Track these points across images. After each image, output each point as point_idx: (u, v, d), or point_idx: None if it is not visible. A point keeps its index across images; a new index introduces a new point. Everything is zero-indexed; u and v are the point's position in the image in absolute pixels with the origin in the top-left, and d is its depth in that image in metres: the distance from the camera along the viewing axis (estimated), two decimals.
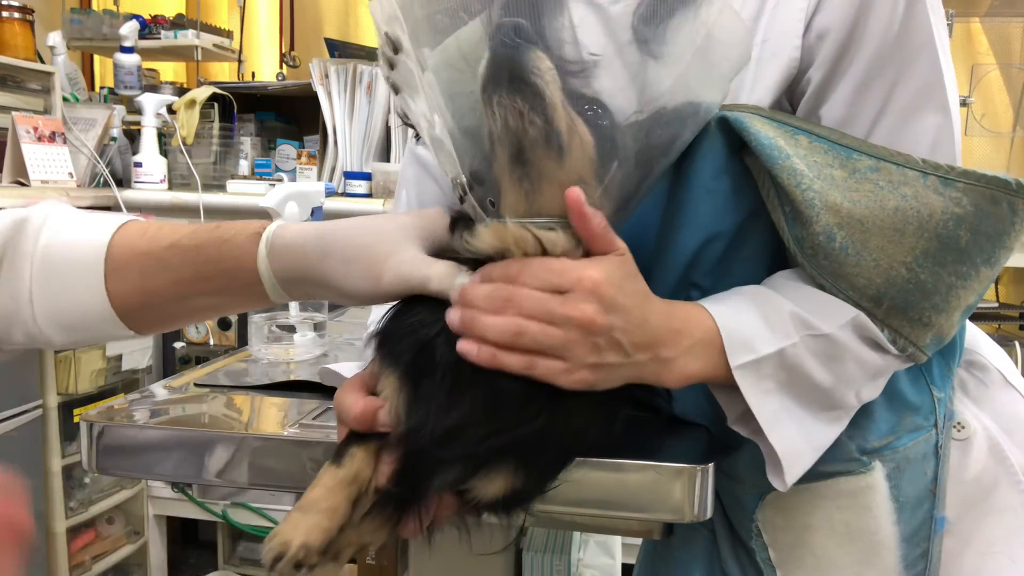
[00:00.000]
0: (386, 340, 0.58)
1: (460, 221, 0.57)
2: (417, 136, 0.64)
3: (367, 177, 2.12)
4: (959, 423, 0.70)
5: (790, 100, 0.66)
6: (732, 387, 0.59)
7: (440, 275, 0.56)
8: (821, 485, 0.67)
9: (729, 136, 0.61)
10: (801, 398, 0.60)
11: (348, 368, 0.70)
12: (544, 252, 0.54)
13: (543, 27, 0.52)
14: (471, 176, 0.55)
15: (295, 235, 0.60)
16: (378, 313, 0.65)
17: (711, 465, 0.60)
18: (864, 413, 0.66)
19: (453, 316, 0.54)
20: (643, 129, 0.55)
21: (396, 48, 0.55)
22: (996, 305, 2.17)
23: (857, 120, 0.62)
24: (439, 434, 0.53)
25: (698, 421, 0.68)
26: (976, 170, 0.60)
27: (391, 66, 0.56)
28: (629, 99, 0.55)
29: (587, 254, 0.55)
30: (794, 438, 0.60)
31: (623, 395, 0.58)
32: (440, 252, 0.58)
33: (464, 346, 0.54)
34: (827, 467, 0.65)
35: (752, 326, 0.59)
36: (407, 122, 0.60)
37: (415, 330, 0.57)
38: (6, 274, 0.62)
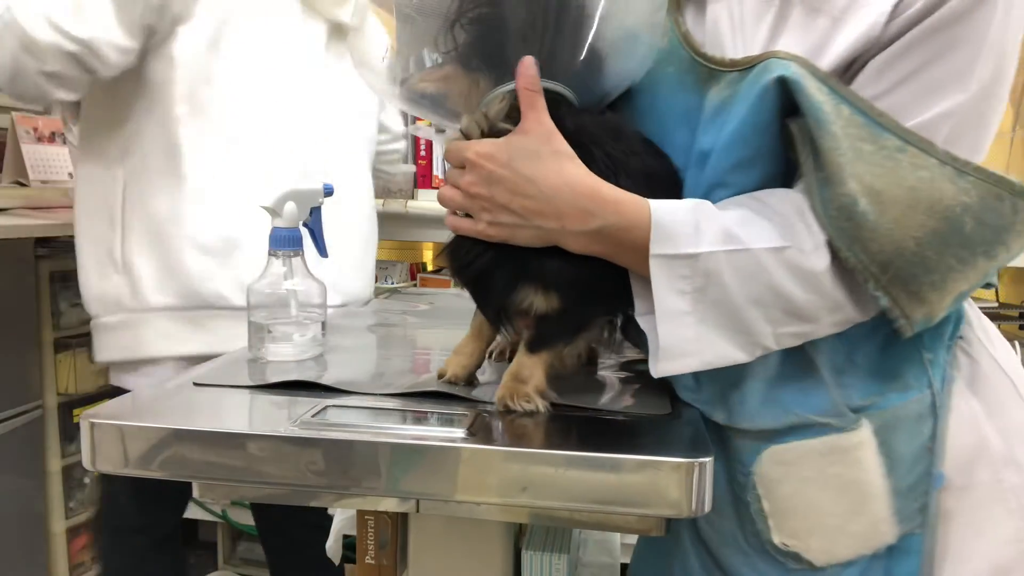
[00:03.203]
0: None
1: None
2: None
3: None
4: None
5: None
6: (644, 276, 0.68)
7: None
8: (816, 442, 0.73)
9: (781, 97, 0.66)
10: (713, 311, 0.66)
11: None
12: (487, 126, 0.70)
13: None
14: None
15: None
16: None
17: (709, 459, 0.61)
18: (847, 374, 0.73)
19: None
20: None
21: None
22: (996, 305, 2.17)
23: (883, 77, 0.66)
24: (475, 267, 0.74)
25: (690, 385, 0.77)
26: (988, 168, 0.65)
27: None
28: None
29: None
30: (685, 341, 0.67)
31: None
32: None
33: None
34: (820, 422, 0.72)
35: (683, 224, 0.66)
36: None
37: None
38: None
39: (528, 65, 0.67)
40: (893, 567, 0.73)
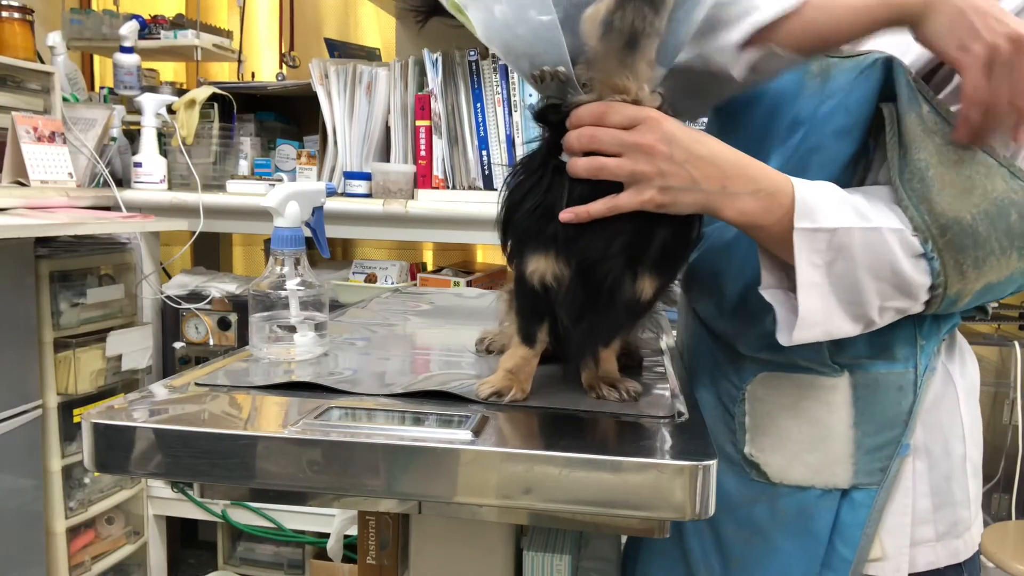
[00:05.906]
0: (517, 230, 0.75)
1: (547, 107, 0.74)
2: None
3: (367, 177, 2.13)
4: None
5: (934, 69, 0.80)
6: (776, 253, 0.74)
7: None
8: (800, 376, 0.83)
9: (880, 78, 0.76)
10: (837, 284, 0.71)
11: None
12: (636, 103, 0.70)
13: None
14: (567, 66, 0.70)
15: None
16: None
17: (712, 462, 0.61)
18: (845, 339, 0.78)
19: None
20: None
21: None
22: (996, 305, 2.17)
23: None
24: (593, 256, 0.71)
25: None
26: None
27: None
28: None
29: None
30: (816, 311, 0.71)
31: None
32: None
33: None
34: (809, 364, 0.82)
35: (822, 201, 0.71)
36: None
37: (534, 210, 0.72)
38: None
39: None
40: (842, 511, 0.82)
